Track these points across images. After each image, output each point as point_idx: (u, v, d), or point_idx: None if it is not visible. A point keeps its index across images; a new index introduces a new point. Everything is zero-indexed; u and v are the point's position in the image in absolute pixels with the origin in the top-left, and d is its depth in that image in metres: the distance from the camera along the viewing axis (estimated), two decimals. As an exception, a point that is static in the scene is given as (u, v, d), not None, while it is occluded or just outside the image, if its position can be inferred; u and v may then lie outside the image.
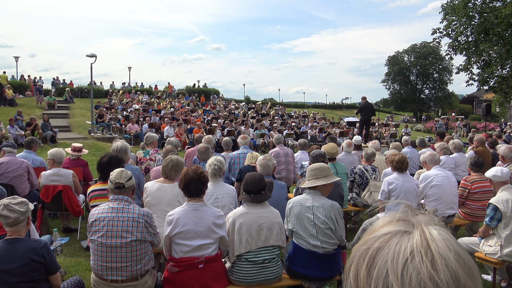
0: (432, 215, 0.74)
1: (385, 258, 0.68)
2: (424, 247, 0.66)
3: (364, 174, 6.17)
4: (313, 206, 3.79)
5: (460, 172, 7.57)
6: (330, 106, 50.48)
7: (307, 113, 29.97)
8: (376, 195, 5.90)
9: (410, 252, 0.66)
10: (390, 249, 0.68)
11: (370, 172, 6.17)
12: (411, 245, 0.67)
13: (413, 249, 0.66)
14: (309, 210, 3.78)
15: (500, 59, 18.09)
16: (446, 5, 20.37)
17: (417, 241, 0.67)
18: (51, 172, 5.87)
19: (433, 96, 57.96)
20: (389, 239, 0.70)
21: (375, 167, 6.28)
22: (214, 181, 4.47)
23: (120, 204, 3.42)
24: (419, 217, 0.73)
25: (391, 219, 0.75)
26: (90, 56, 17.45)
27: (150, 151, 6.96)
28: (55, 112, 21.71)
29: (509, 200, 4.13)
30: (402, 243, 0.68)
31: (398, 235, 0.70)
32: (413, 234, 0.69)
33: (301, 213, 3.78)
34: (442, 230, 0.70)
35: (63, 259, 5.13)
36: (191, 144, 15.53)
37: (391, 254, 0.67)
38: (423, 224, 0.71)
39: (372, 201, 5.97)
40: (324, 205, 3.80)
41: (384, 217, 0.76)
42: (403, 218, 0.73)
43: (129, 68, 41.08)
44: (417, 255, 0.66)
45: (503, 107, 35.44)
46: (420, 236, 0.68)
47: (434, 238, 0.67)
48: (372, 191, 6.00)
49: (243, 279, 3.59)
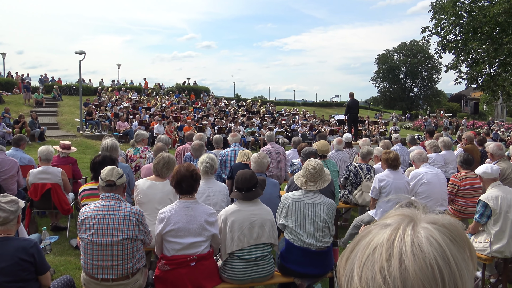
0: (445, 215, 0.72)
1: (359, 248, 0.71)
2: (389, 241, 0.67)
3: (359, 173, 6.15)
4: (314, 203, 3.80)
5: (449, 169, 7.63)
6: (320, 104, 50.62)
7: (297, 111, 30.02)
8: (368, 195, 5.92)
9: (375, 246, 0.68)
10: (365, 240, 0.71)
11: (365, 172, 6.15)
12: (378, 239, 0.68)
13: (378, 243, 0.68)
14: (310, 207, 3.79)
15: (488, 58, 18.27)
16: (435, 3, 20.54)
17: (386, 235, 0.68)
18: (39, 170, 5.80)
19: (422, 94, 58.50)
20: (371, 231, 0.72)
21: (371, 167, 6.26)
22: (206, 179, 4.44)
23: (111, 202, 3.38)
24: (425, 215, 0.72)
25: (394, 212, 0.74)
26: (79, 53, 17.28)
27: (140, 149, 6.91)
28: (43, 110, 21.48)
29: (498, 197, 4.17)
30: (376, 235, 0.70)
31: (378, 228, 0.71)
32: (388, 228, 0.69)
33: (301, 210, 3.78)
34: (432, 229, 0.67)
35: (52, 258, 5.07)
36: (182, 142, 15.46)
37: (363, 246, 0.70)
38: (418, 220, 0.70)
39: (362, 201, 5.99)
40: (325, 203, 3.83)
41: (393, 210, 0.76)
42: (403, 213, 0.73)
43: (119, 65, 40.76)
44: (379, 249, 0.67)
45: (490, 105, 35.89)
46: (392, 231, 0.68)
47: (405, 234, 0.67)
48: (364, 191, 6.00)
49: (235, 277, 3.57)
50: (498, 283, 4.52)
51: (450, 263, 0.65)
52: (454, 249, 0.66)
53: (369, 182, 6.02)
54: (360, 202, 6.01)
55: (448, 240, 0.67)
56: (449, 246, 0.66)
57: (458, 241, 0.68)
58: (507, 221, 4.13)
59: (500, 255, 4.20)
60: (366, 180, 6.05)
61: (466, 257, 0.68)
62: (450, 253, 0.66)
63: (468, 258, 0.68)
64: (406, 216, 0.71)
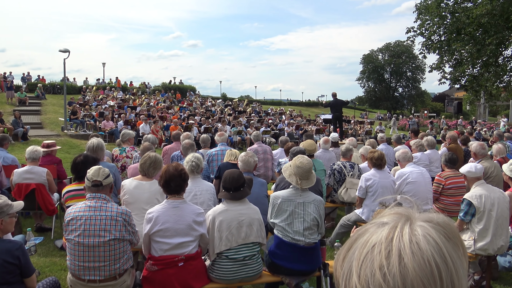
0: (439, 214, 0.73)
1: (357, 246, 0.71)
2: (388, 239, 0.68)
3: (342, 170, 6.21)
4: (305, 202, 3.82)
5: (434, 168, 7.75)
6: (306, 103, 50.84)
7: (283, 110, 30.09)
8: (353, 192, 5.97)
9: (374, 243, 0.68)
10: (363, 239, 0.71)
11: (348, 169, 6.21)
12: (377, 237, 0.69)
13: (377, 241, 0.68)
14: (301, 206, 3.81)
15: (471, 59, 18.53)
16: (420, 4, 20.75)
17: (385, 233, 0.69)
18: (24, 169, 5.71)
19: (406, 94, 59.22)
20: (368, 229, 0.72)
21: (354, 164, 6.32)
22: (192, 178, 4.43)
23: (98, 202, 3.35)
24: (420, 213, 0.73)
25: (390, 211, 0.75)
26: (63, 51, 17.05)
27: (127, 148, 6.85)
28: (26, 109, 21.14)
29: (482, 196, 4.25)
30: (374, 234, 0.70)
31: (376, 226, 0.72)
32: (386, 227, 0.70)
33: (292, 209, 3.79)
34: (428, 227, 0.69)
35: (37, 259, 5.00)
36: (168, 141, 15.37)
37: (361, 244, 0.71)
38: (414, 219, 0.71)
39: (348, 198, 6.03)
40: (314, 201, 3.86)
41: (389, 208, 0.77)
42: (399, 212, 0.74)
43: (103, 64, 40.34)
44: (378, 247, 0.68)
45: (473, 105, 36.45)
46: (390, 229, 0.69)
47: (403, 232, 0.68)
48: (348, 187, 6.05)
49: (223, 277, 3.57)
50: (482, 280, 4.60)
51: (447, 260, 0.66)
52: (449, 246, 0.68)
53: (353, 178, 6.08)
54: (346, 199, 6.05)
55: (444, 238, 0.68)
56: (445, 244, 0.68)
57: (452, 239, 0.69)
58: (491, 219, 4.21)
59: (483, 253, 4.28)
60: (349, 177, 6.11)
61: (460, 254, 0.69)
62: (447, 250, 0.67)
63: (462, 255, 0.69)
64: (402, 214, 0.72)
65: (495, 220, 4.20)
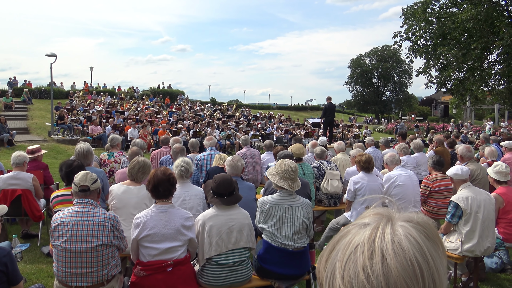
0: (419, 214, 0.75)
1: (339, 248, 0.71)
2: (370, 240, 0.68)
3: (321, 166, 6.48)
4: (293, 206, 3.82)
5: (421, 171, 7.82)
6: (294, 107, 51.04)
7: (272, 114, 30.14)
8: (334, 182, 6.18)
9: (357, 245, 0.69)
10: (345, 240, 0.71)
11: (325, 164, 6.51)
12: (359, 238, 0.70)
13: (359, 242, 0.69)
14: (289, 210, 3.80)
15: (457, 63, 18.77)
16: (406, 10, 20.97)
17: (367, 234, 0.69)
18: (9, 175, 5.62)
19: (394, 98, 59.83)
20: (350, 230, 0.73)
21: (330, 161, 6.72)
22: (181, 183, 4.40)
23: (85, 207, 3.31)
24: (399, 213, 0.74)
25: (370, 212, 0.76)
26: (50, 55, 16.87)
27: (115, 153, 6.80)
28: (12, 114, 20.88)
29: (469, 198, 4.30)
30: (356, 235, 0.71)
31: (358, 227, 0.72)
32: (367, 227, 0.71)
33: (280, 214, 3.78)
34: (408, 226, 0.70)
35: (23, 266, 4.93)
36: (156, 146, 15.29)
37: (344, 245, 0.71)
38: (394, 219, 0.71)
39: (331, 188, 6.12)
40: (303, 205, 3.86)
41: (370, 209, 0.77)
42: (380, 212, 0.74)
43: (91, 68, 40.11)
44: (360, 248, 0.68)
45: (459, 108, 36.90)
46: (372, 230, 0.70)
47: (384, 233, 0.68)
48: (329, 178, 6.23)
49: (212, 282, 3.55)
50: (469, 281, 4.65)
51: (428, 259, 0.67)
52: (429, 245, 0.69)
53: (332, 170, 6.36)
54: (329, 189, 6.15)
55: (424, 237, 0.69)
56: (426, 243, 0.69)
57: (432, 238, 0.71)
58: (477, 221, 4.26)
59: (471, 254, 4.33)
60: (328, 170, 6.36)
61: (440, 253, 0.70)
62: (427, 249, 0.68)
63: (441, 254, 0.71)
64: (383, 215, 0.73)
65: (482, 222, 4.25)
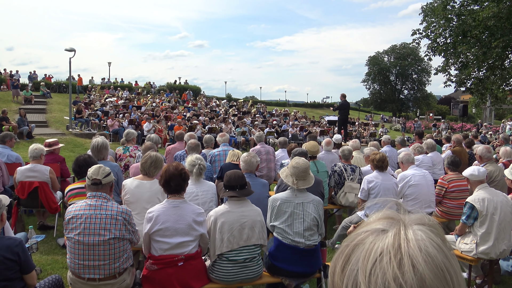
0: (424, 214, 0.72)
1: (358, 256, 0.68)
2: (395, 247, 0.65)
3: (343, 173, 6.16)
4: (303, 202, 3.82)
5: (436, 171, 7.69)
6: (310, 105, 50.76)
7: (288, 111, 30.05)
8: (351, 196, 5.97)
9: (380, 252, 0.66)
10: (364, 248, 0.68)
11: (348, 172, 6.16)
12: (382, 245, 0.66)
13: (383, 249, 0.66)
14: (300, 206, 3.80)
15: (477, 61, 18.40)
16: (426, 7, 20.63)
17: (390, 241, 0.67)
18: (27, 167, 5.73)
19: (412, 96, 59.06)
20: (367, 237, 0.70)
21: (355, 167, 6.28)
22: (198, 180, 4.44)
23: (98, 201, 3.35)
24: (408, 215, 0.72)
25: (379, 216, 0.73)
26: (69, 50, 17.07)
27: (130, 148, 6.86)
28: (32, 107, 21.23)
29: (485, 199, 4.22)
30: (376, 242, 0.68)
31: (375, 234, 0.69)
32: (388, 234, 0.68)
33: (291, 211, 3.79)
34: (426, 230, 0.68)
35: (39, 257, 5.02)
36: (172, 141, 15.40)
37: (364, 253, 0.67)
38: (407, 223, 0.69)
39: (346, 202, 6.02)
40: (313, 201, 3.86)
41: (376, 213, 0.75)
42: (391, 216, 0.72)
43: (109, 63, 40.65)
44: (386, 256, 0.65)
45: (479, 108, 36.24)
46: (394, 236, 0.67)
47: (408, 239, 0.66)
48: (347, 192, 6.03)
49: (223, 278, 3.57)
50: (484, 284, 4.57)
51: (451, 262, 0.66)
52: (446, 247, 0.68)
53: (352, 182, 6.05)
54: (344, 202, 6.05)
55: (440, 241, 0.68)
56: (444, 246, 0.67)
57: (444, 239, 0.69)
58: (493, 223, 4.17)
59: (486, 257, 4.25)
60: (349, 181, 6.08)
61: (452, 252, 0.69)
62: (448, 253, 0.67)
63: (453, 253, 0.69)
64: (395, 219, 0.71)
65: (498, 224, 4.17)
